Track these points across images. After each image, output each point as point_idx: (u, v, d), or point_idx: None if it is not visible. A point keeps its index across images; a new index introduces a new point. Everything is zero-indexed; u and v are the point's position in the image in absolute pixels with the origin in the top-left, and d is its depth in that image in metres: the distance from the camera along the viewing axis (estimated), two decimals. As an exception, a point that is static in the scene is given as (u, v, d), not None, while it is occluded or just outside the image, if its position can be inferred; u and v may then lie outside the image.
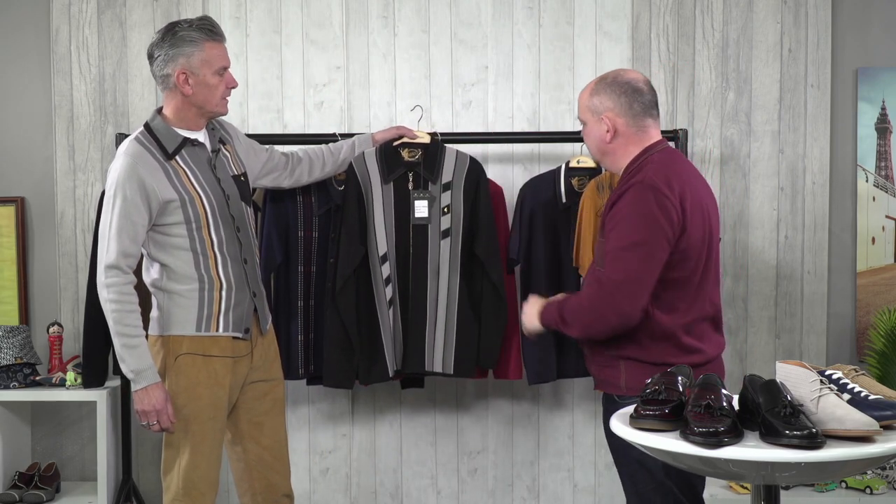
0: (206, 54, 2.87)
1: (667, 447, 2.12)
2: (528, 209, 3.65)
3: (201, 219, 2.88)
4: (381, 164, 3.54)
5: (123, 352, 2.79)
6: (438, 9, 3.95)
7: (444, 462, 4.02)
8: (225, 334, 2.92)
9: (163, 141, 2.88)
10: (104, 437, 3.70)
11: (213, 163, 2.97)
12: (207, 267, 2.90)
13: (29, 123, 4.02)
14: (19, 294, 4.00)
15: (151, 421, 2.83)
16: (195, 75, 2.86)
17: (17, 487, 3.78)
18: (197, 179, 2.90)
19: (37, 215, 4.03)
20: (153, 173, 2.83)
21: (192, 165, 2.91)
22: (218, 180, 2.95)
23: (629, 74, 2.74)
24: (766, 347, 3.96)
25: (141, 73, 3.96)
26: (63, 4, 3.96)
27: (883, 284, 3.96)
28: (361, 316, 3.56)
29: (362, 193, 3.53)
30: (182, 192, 2.85)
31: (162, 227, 2.86)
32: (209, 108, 2.92)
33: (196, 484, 2.90)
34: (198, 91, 2.88)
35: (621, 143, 2.72)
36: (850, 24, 3.95)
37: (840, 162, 3.96)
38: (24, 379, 3.77)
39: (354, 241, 3.52)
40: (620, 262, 2.57)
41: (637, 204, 2.59)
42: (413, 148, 3.58)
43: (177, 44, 2.85)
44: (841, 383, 2.26)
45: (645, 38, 3.93)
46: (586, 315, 2.64)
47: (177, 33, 2.85)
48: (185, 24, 2.88)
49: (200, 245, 2.89)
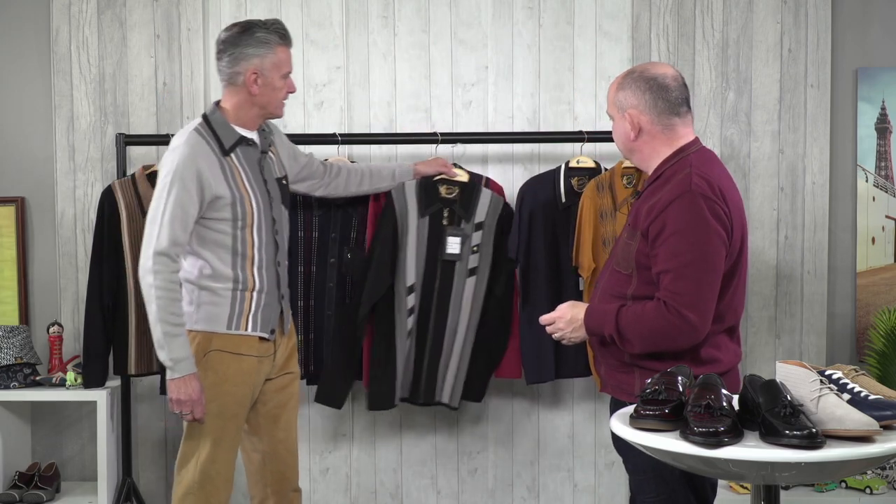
0: (277, 58, 2.96)
1: (667, 447, 2.12)
2: (528, 209, 3.65)
3: (248, 218, 2.93)
4: (419, 198, 3.62)
5: (165, 340, 2.81)
6: (438, 9, 3.95)
7: (444, 462, 4.02)
8: (253, 334, 2.97)
9: (221, 136, 2.94)
10: (104, 437, 3.70)
11: (261, 163, 3.03)
12: (244, 267, 2.94)
13: (29, 123, 4.02)
14: (19, 294, 4.00)
15: (185, 411, 2.86)
16: (264, 77, 2.94)
17: (17, 487, 3.78)
18: (248, 178, 2.96)
19: (37, 215, 4.03)
20: (210, 166, 2.88)
21: (244, 164, 2.97)
22: (265, 182, 3.01)
23: (657, 69, 2.62)
24: (766, 347, 3.96)
25: (141, 73, 3.96)
26: (63, 4, 3.96)
27: (883, 284, 3.96)
28: (378, 343, 3.63)
29: (397, 223, 3.60)
30: (234, 190, 2.91)
31: (207, 222, 2.90)
32: (270, 109, 3.01)
33: (212, 478, 2.93)
34: (264, 92, 2.96)
35: (647, 142, 2.62)
36: (850, 24, 3.95)
37: (840, 162, 3.96)
38: (24, 379, 3.76)
39: (385, 269, 3.60)
40: (686, 280, 2.45)
41: (691, 215, 2.46)
42: (451, 185, 3.65)
43: (252, 44, 2.93)
44: (841, 383, 2.26)
45: (645, 38, 3.93)
46: (652, 334, 2.50)
47: (254, 34, 2.93)
48: (261, 25, 2.96)
49: (242, 245, 2.94)
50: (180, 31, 3.95)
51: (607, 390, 2.74)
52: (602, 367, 2.74)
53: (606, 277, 2.72)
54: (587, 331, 2.65)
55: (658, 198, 2.54)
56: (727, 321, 2.59)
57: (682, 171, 2.55)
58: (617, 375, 2.66)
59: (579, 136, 3.72)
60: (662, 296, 2.49)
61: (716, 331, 2.56)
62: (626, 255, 2.61)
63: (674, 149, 2.61)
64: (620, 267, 2.63)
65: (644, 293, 2.56)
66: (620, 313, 2.56)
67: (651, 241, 2.53)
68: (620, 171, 3.58)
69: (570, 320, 2.68)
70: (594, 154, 3.74)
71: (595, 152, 3.76)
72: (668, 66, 2.67)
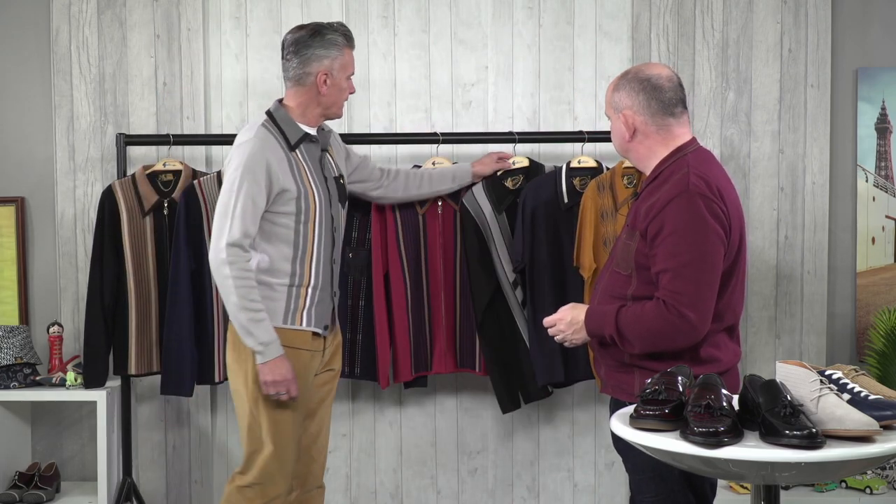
0: (345, 59, 3.06)
1: (667, 447, 2.12)
2: (530, 210, 3.64)
3: (311, 212, 2.99)
4: (490, 197, 3.66)
5: (251, 326, 2.88)
6: (438, 9, 3.95)
7: (444, 462, 4.02)
8: (308, 329, 3.02)
9: (286, 131, 3.01)
10: (104, 437, 3.70)
11: (322, 161, 3.09)
12: (303, 262, 3.00)
13: (29, 123, 4.02)
14: (19, 294, 4.00)
15: (281, 391, 2.91)
16: (333, 77, 3.04)
17: (17, 487, 3.78)
18: (311, 174, 3.02)
19: (37, 215, 4.03)
20: (279, 160, 2.95)
21: (308, 160, 3.04)
22: (325, 179, 3.07)
23: (652, 69, 2.64)
24: (766, 347, 3.96)
25: (141, 74, 3.96)
26: (63, 4, 3.96)
27: (883, 284, 3.96)
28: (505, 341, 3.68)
29: (479, 227, 3.65)
30: (300, 184, 2.97)
31: (271, 216, 2.95)
32: (335, 109, 3.10)
33: (272, 474, 2.98)
34: (331, 93, 3.05)
35: (642, 142, 2.64)
36: (850, 24, 3.95)
37: (840, 162, 3.96)
38: (24, 379, 3.76)
39: (484, 273, 3.65)
40: (685, 280, 2.46)
41: (689, 214, 2.48)
42: (514, 175, 3.69)
43: (325, 45, 3.02)
44: (841, 383, 2.26)
45: (645, 38, 3.93)
46: (651, 334, 2.51)
47: (325, 36, 3.02)
48: (330, 28, 3.05)
49: (303, 239, 2.99)
50: (180, 31, 3.95)
51: (607, 391, 2.74)
52: (602, 368, 2.74)
53: (606, 278, 2.72)
54: (587, 332, 2.65)
55: (656, 198, 2.55)
56: (726, 320, 2.60)
57: (680, 171, 2.55)
58: (617, 376, 2.66)
59: (579, 136, 3.72)
60: (662, 295, 2.50)
61: (715, 330, 2.56)
62: (626, 255, 2.61)
63: (670, 149, 2.62)
64: (620, 268, 2.64)
65: (644, 293, 2.56)
66: (620, 314, 2.56)
67: (650, 241, 2.53)
68: (621, 170, 3.58)
69: (571, 322, 2.69)
70: (594, 154, 3.74)
71: (595, 152, 3.76)
72: (664, 67, 2.67)
